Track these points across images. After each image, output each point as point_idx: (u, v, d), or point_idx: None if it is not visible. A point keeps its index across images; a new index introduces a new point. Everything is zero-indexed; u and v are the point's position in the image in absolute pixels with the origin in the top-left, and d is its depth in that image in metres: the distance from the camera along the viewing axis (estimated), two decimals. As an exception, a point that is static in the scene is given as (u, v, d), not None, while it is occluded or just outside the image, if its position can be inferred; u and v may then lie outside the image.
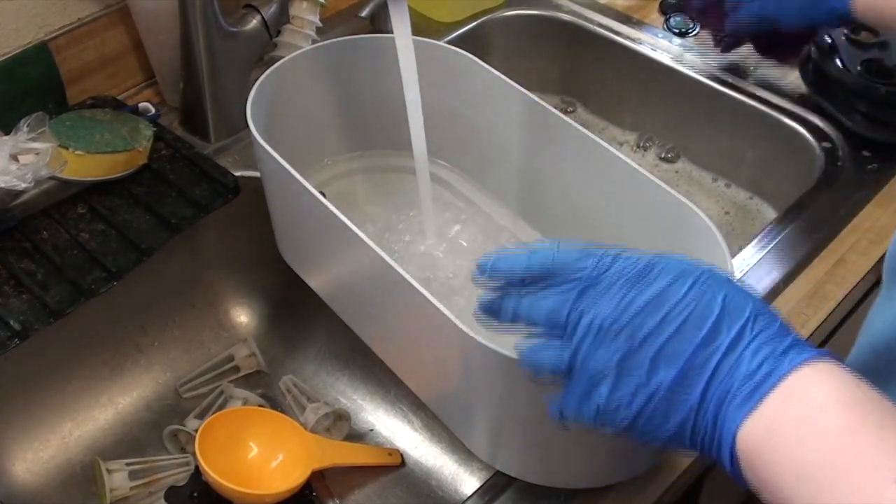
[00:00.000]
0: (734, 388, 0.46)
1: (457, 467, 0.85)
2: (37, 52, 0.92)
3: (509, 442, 0.68)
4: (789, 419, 0.45)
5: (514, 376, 0.61)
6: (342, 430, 0.88)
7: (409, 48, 0.79)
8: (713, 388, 0.47)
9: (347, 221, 0.69)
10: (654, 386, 0.48)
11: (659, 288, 0.48)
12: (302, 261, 0.86)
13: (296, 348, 0.97)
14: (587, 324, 0.49)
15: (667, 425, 0.49)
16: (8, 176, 0.78)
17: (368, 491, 0.84)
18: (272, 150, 0.74)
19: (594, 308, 0.49)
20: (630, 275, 0.49)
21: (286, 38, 1.00)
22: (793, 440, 0.44)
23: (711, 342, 0.47)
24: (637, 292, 0.48)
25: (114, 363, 0.91)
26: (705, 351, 0.47)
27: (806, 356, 0.46)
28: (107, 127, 0.88)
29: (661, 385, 0.48)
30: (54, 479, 0.86)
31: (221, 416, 0.80)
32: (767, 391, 0.45)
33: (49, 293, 0.80)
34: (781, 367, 0.46)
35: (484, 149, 0.90)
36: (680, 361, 0.47)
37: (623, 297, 0.49)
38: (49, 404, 0.88)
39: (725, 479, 0.50)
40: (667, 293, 0.48)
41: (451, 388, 0.70)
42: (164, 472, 0.84)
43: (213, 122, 0.96)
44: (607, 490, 0.69)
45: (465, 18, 1.13)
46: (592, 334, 0.49)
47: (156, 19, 0.95)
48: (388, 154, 0.95)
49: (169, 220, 0.86)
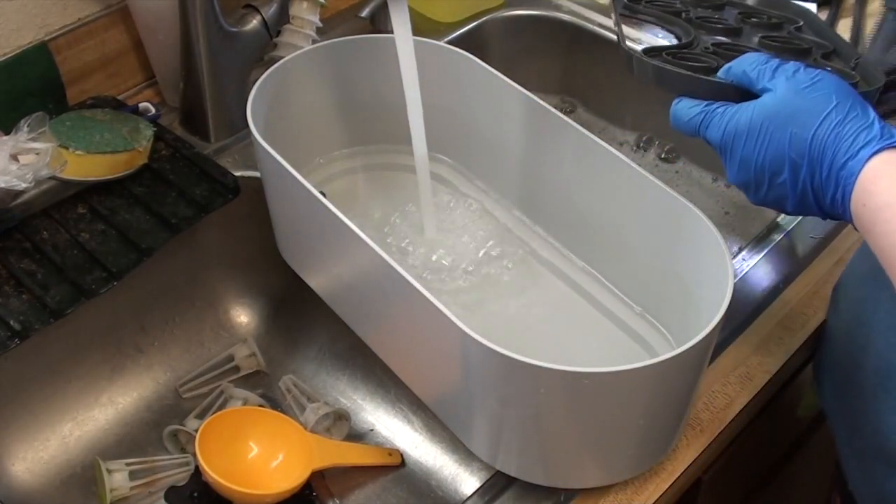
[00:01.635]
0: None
1: (457, 467, 0.85)
2: (37, 52, 0.92)
3: (509, 442, 0.68)
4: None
5: (514, 376, 0.61)
6: (342, 430, 0.88)
7: (409, 48, 0.79)
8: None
9: (347, 221, 0.69)
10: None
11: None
12: (302, 261, 0.86)
13: (296, 348, 0.97)
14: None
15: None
16: (8, 176, 0.78)
17: (368, 491, 0.84)
18: (272, 149, 0.74)
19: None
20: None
21: (286, 38, 1.00)
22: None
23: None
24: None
25: (114, 363, 0.91)
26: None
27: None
28: (107, 127, 0.88)
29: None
30: (54, 479, 0.86)
31: (221, 416, 0.80)
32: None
33: (49, 293, 0.80)
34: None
35: (484, 149, 0.90)
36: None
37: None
38: (49, 404, 0.88)
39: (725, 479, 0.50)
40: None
41: (451, 388, 0.70)
42: (164, 472, 0.84)
43: (213, 122, 0.96)
44: (607, 490, 0.70)
45: (465, 18, 1.13)
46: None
47: (156, 19, 0.95)
48: (388, 153, 0.95)
49: (169, 220, 0.86)
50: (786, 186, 0.59)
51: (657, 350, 0.78)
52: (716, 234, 0.67)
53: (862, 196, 0.55)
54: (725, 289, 0.63)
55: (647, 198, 0.73)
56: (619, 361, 0.59)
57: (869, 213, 0.54)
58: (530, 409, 0.64)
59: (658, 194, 0.72)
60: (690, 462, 0.72)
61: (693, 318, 0.71)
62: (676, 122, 0.65)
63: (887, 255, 0.54)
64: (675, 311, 0.76)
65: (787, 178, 0.59)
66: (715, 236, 0.67)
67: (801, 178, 0.58)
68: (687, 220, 0.69)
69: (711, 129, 0.62)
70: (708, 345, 0.64)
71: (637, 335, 0.79)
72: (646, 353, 0.78)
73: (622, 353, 0.78)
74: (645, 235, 0.76)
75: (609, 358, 0.78)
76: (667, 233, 0.73)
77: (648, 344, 0.79)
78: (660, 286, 0.77)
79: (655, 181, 0.72)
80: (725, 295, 0.62)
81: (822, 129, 0.57)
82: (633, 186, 0.74)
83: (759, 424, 0.83)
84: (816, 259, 0.85)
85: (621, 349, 0.79)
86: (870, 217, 0.54)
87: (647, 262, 0.77)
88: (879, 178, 0.54)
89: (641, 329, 0.80)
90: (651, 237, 0.75)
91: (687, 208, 0.69)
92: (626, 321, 0.81)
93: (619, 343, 0.79)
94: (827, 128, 0.57)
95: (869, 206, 0.54)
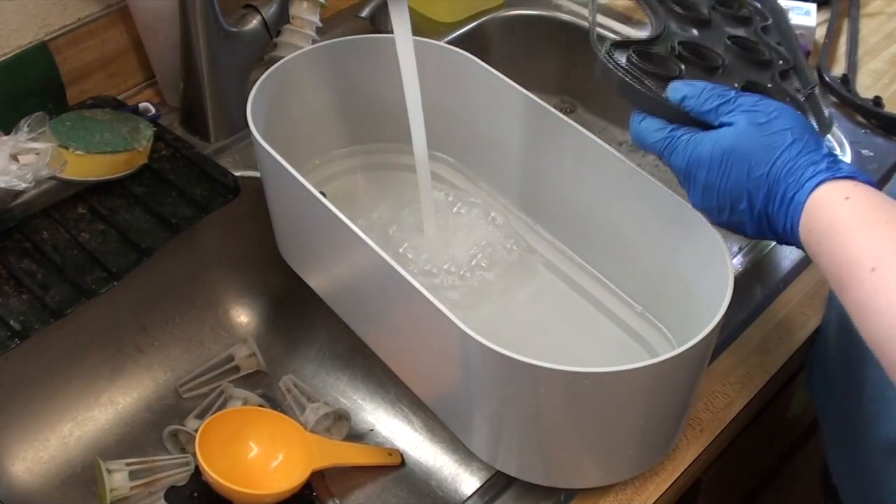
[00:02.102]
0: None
1: (457, 467, 0.85)
2: (37, 52, 0.92)
3: (509, 442, 0.68)
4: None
5: (514, 376, 0.61)
6: (342, 430, 0.88)
7: (409, 48, 0.79)
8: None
9: (347, 221, 0.69)
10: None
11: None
12: (302, 261, 0.86)
13: (296, 348, 0.97)
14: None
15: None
16: (8, 176, 0.78)
17: (368, 491, 0.84)
18: (272, 149, 0.74)
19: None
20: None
21: (286, 38, 1.00)
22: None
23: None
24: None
25: (114, 363, 0.91)
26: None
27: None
28: (107, 127, 0.88)
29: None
30: (54, 479, 0.86)
31: (221, 416, 0.80)
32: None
33: (49, 293, 0.80)
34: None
35: (484, 149, 0.90)
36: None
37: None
38: (49, 404, 0.88)
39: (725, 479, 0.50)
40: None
41: (451, 388, 0.70)
42: (164, 472, 0.84)
43: (213, 122, 0.96)
44: (607, 490, 0.70)
45: (465, 18, 1.13)
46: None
47: (156, 19, 0.95)
48: (388, 153, 0.95)
49: (169, 220, 0.86)
50: (745, 214, 0.63)
51: (657, 350, 0.78)
52: (716, 234, 0.67)
53: (808, 223, 0.59)
54: (725, 289, 0.63)
55: (647, 198, 0.73)
56: (619, 361, 0.59)
57: (814, 237, 0.59)
58: (530, 409, 0.64)
59: (658, 194, 0.72)
60: (690, 462, 0.72)
61: (693, 317, 0.71)
62: (639, 141, 0.68)
63: (830, 273, 0.58)
64: (676, 310, 0.76)
65: (745, 207, 0.63)
66: (715, 236, 0.67)
67: (757, 207, 0.62)
68: (687, 220, 0.69)
69: (675, 156, 0.65)
70: (708, 345, 0.64)
71: (637, 335, 0.79)
72: (646, 353, 0.78)
73: (622, 353, 0.78)
74: (645, 235, 0.76)
75: (609, 358, 0.78)
76: (667, 232, 0.73)
77: (649, 343, 0.79)
78: (660, 286, 0.77)
79: (655, 181, 0.72)
80: (725, 295, 0.63)
81: (777, 165, 0.61)
82: (633, 186, 0.74)
83: (759, 424, 0.83)
84: (816, 259, 0.85)
85: (622, 349, 0.79)
86: (815, 240, 0.59)
87: (647, 262, 0.77)
88: (822, 205, 0.59)
89: (642, 329, 0.80)
90: (651, 237, 0.75)
91: (687, 208, 0.68)
92: (627, 321, 0.81)
93: (619, 343, 0.79)
94: (782, 163, 0.61)
95: (814, 231, 0.59)
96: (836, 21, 1.11)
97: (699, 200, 0.65)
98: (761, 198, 0.62)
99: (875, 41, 1.11)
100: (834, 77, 1.03)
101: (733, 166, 0.62)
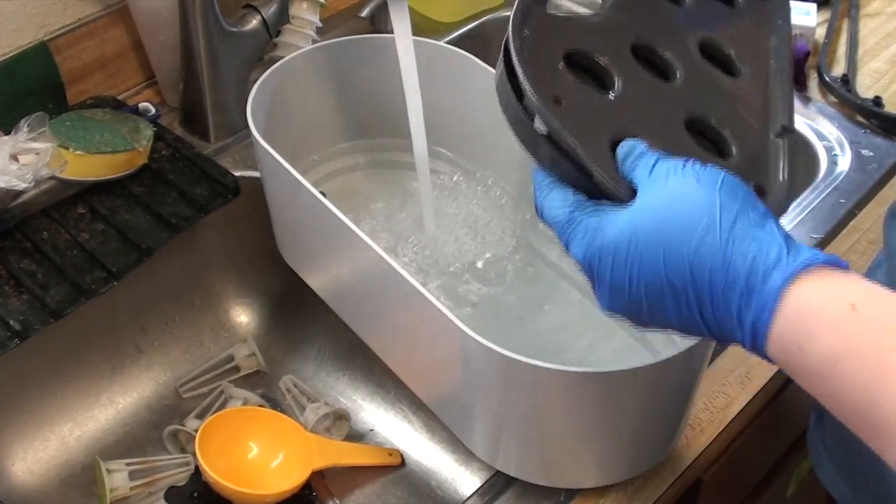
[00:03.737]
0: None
1: (457, 467, 0.85)
2: (37, 52, 0.92)
3: (509, 442, 0.68)
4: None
5: (514, 376, 0.61)
6: (342, 430, 0.88)
7: (409, 48, 0.79)
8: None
9: (347, 221, 0.69)
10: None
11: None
12: (302, 261, 0.86)
13: (296, 348, 0.97)
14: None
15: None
16: (8, 176, 0.78)
17: (368, 491, 0.84)
18: (272, 149, 0.74)
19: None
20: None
21: (286, 38, 1.00)
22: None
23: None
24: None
25: (114, 363, 0.91)
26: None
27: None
28: (107, 127, 0.88)
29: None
30: (54, 479, 0.86)
31: (221, 416, 0.80)
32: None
33: (49, 293, 0.80)
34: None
35: (484, 148, 0.90)
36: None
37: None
38: (49, 404, 0.88)
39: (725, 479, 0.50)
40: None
41: (451, 388, 0.70)
42: (164, 472, 0.84)
43: (213, 122, 0.96)
44: (607, 490, 0.69)
45: (465, 18, 1.13)
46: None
47: (156, 19, 0.95)
48: (388, 152, 0.95)
49: (169, 220, 0.86)
50: (670, 318, 0.48)
51: (658, 349, 0.78)
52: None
53: (797, 338, 0.44)
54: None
55: (647, 198, 0.73)
56: (619, 361, 0.59)
57: (814, 360, 0.43)
58: (530, 409, 0.64)
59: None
60: (690, 462, 0.72)
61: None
62: (545, 220, 0.53)
63: (849, 408, 0.43)
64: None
65: (669, 308, 0.47)
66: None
67: (684, 308, 0.47)
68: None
69: (574, 243, 0.50)
70: (708, 344, 0.64)
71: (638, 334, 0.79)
72: (647, 353, 0.78)
73: (623, 353, 0.78)
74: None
75: (609, 357, 0.78)
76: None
77: (649, 342, 0.79)
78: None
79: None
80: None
81: (703, 248, 0.45)
82: (633, 186, 0.74)
83: (759, 424, 0.83)
84: (816, 259, 0.85)
85: (622, 348, 0.79)
86: (817, 364, 0.43)
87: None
88: (820, 315, 0.43)
89: (642, 329, 0.80)
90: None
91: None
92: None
93: (620, 342, 0.79)
94: (710, 245, 0.45)
95: (810, 352, 0.43)
96: (836, 21, 1.11)
97: (606, 303, 0.50)
98: (692, 294, 0.46)
99: (875, 41, 1.11)
100: (834, 77, 1.03)
101: (644, 252, 0.47)
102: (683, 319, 0.47)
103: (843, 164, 0.94)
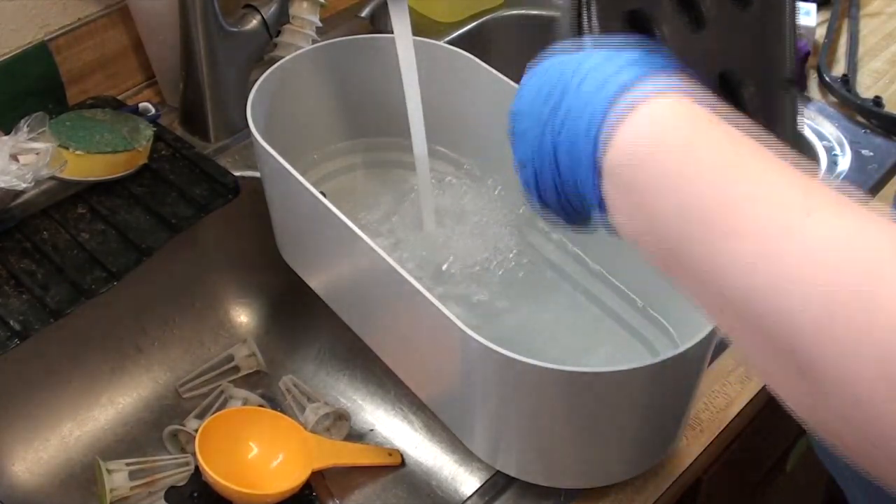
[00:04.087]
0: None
1: (457, 467, 0.85)
2: (37, 52, 0.92)
3: (509, 442, 0.68)
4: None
5: (513, 376, 0.61)
6: (342, 430, 0.88)
7: (409, 48, 0.79)
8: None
9: (348, 221, 0.69)
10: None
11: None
12: (302, 261, 0.86)
13: (296, 348, 0.97)
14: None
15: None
16: (8, 176, 0.78)
17: (368, 491, 0.84)
18: (272, 149, 0.74)
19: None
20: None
21: (286, 38, 1.00)
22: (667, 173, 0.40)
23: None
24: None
25: (114, 363, 0.91)
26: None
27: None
28: (107, 127, 0.88)
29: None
30: (54, 479, 0.86)
31: (221, 416, 0.80)
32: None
33: (49, 293, 0.80)
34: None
35: (484, 149, 0.90)
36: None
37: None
38: (49, 404, 0.88)
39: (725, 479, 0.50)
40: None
41: (451, 388, 0.70)
42: (164, 472, 0.84)
43: (213, 122, 0.96)
44: (607, 490, 0.69)
45: (465, 18, 1.13)
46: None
47: (156, 19, 0.95)
48: (388, 152, 0.95)
49: (169, 220, 0.86)
50: (545, 159, 0.47)
51: (658, 348, 0.78)
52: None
53: (626, 146, 0.42)
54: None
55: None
56: (620, 360, 0.59)
57: (649, 168, 0.41)
58: (530, 409, 0.64)
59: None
60: (690, 462, 0.72)
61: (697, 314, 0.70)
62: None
63: (691, 220, 0.40)
64: (678, 308, 0.76)
65: (547, 149, 0.46)
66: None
67: (548, 139, 0.46)
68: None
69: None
70: (708, 344, 0.64)
71: (638, 333, 0.79)
72: (647, 352, 0.78)
73: (624, 352, 0.78)
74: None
75: (610, 357, 0.78)
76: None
77: (650, 342, 0.79)
78: (661, 284, 0.77)
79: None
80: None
81: (567, 75, 0.45)
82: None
83: (759, 424, 0.83)
84: (816, 259, 0.85)
85: (623, 347, 0.79)
86: (654, 172, 0.41)
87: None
88: (659, 120, 0.41)
89: (643, 326, 0.80)
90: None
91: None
92: (628, 319, 0.80)
93: (620, 341, 0.79)
94: (572, 72, 0.45)
95: (649, 160, 0.41)
96: (836, 21, 1.11)
97: (517, 155, 0.49)
98: (552, 124, 0.45)
99: (875, 41, 1.11)
100: (834, 77, 1.03)
101: (535, 97, 0.46)
102: (544, 157, 0.46)
103: (843, 164, 0.94)
